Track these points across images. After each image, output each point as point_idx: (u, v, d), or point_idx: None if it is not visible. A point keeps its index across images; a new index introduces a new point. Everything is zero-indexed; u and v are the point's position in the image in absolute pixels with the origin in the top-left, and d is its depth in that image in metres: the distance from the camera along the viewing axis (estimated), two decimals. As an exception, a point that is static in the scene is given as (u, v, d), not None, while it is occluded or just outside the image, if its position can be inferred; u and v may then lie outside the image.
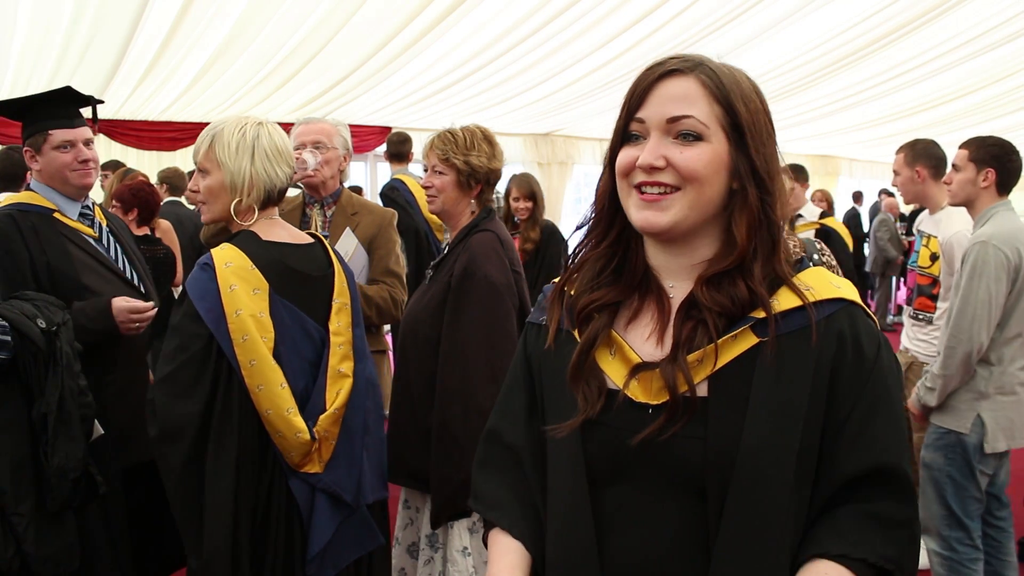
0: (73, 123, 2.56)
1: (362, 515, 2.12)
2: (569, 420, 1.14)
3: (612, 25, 6.02)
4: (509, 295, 2.42)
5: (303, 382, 2.03)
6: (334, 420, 2.04)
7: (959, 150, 3.08)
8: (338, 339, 2.09)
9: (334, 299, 2.12)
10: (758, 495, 1.05)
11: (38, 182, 2.58)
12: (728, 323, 1.10)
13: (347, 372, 2.09)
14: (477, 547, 2.47)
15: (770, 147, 1.14)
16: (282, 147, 2.08)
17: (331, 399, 2.05)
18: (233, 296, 1.92)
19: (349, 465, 2.08)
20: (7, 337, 2.02)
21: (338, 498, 2.04)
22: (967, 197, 3.04)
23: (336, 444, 2.05)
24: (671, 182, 1.09)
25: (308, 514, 2.01)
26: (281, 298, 2.00)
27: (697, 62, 1.12)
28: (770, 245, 1.12)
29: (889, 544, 1.06)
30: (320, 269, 2.14)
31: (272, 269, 2.01)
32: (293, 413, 1.95)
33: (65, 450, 2.05)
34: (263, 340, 1.93)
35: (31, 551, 1.99)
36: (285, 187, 2.12)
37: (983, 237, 2.85)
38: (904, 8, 6.21)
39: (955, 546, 2.93)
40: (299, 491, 2.00)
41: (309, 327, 2.06)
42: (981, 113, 9.77)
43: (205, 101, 7.11)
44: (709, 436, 1.07)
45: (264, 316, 1.95)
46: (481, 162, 2.49)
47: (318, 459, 2.02)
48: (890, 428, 1.08)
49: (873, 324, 1.13)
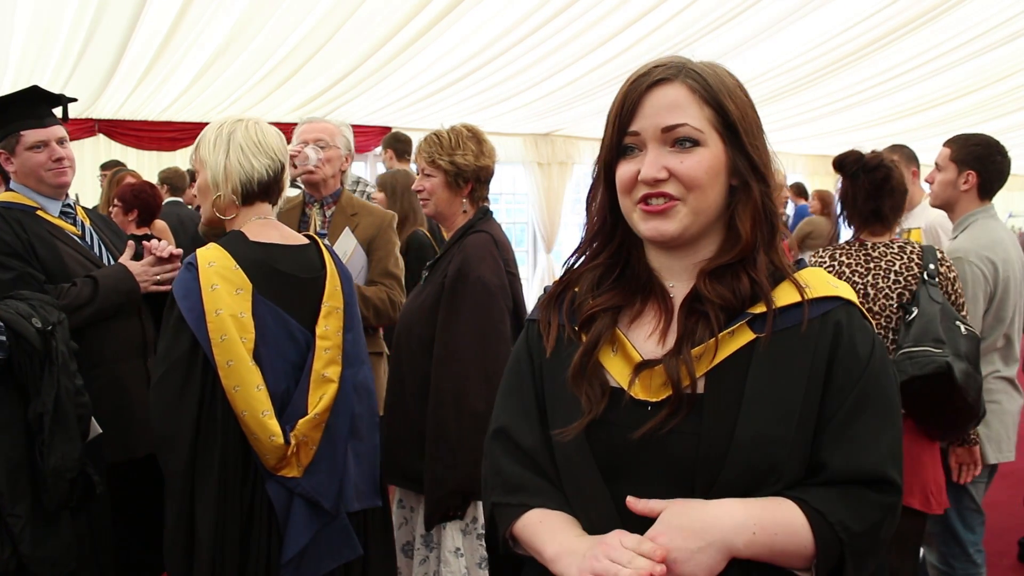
0: (44, 122, 2.56)
1: (342, 524, 2.06)
2: (573, 422, 1.15)
3: (612, 24, 6.01)
4: (503, 296, 2.42)
5: (285, 384, 2.00)
6: (314, 425, 2.00)
7: (943, 148, 2.94)
8: (324, 343, 2.06)
9: (323, 302, 2.09)
10: (749, 489, 1.06)
11: (17, 183, 2.59)
12: (728, 317, 1.11)
13: (332, 377, 2.05)
14: (470, 548, 2.47)
15: (761, 139, 1.16)
16: (259, 140, 2.06)
17: (313, 403, 2.01)
18: (214, 295, 1.91)
19: (330, 471, 2.03)
20: (2, 337, 2.01)
21: (317, 504, 2.00)
22: (947, 199, 2.92)
23: (318, 449, 2.01)
24: (674, 193, 1.11)
25: (285, 518, 1.97)
26: (265, 299, 1.98)
27: (680, 67, 1.13)
28: (770, 234, 1.15)
29: (852, 518, 1.06)
30: (310, 271, 2.11)
31: (257, 270, 1.99)
32: (268, 416, 1.92)
33: (62, 450, 2.04)
34: (242, 341, 1.91)
35: (28, 552, 1.98)
36: (267, 179, 2.07)
37: (959, 252, 2.72)
38: (903, 8, 6.20)
39: (951, 561, 2.86)
40: (276, 494, 1.97)
41: (294, 329, 2.03)
42: (981, 113, 9.76)
43: (205, 101, 7.11)
44: (703, 433, 1.07)
45: (245, 316, 1.93)
46: (467, 160, 2.49)
47: (296, 463, 1.98)
48: (876, 427, 1.09)
49: (869, 324, 1.14)
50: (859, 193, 2.51)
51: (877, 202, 2.48)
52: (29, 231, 2.45)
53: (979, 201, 2.88)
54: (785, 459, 1.06)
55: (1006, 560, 3.90)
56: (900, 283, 2.45)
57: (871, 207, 2.50)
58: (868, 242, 2.53)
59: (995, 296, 2.74)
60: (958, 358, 2.32)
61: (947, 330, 2.34)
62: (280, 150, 2.11)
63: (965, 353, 2.35)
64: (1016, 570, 3.84)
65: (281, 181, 2.15)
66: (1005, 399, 2.84)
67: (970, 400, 2.35)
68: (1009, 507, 4.35)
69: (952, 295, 2.49)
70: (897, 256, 2.48)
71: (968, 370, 2.34)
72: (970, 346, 2.37)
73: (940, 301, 2.39)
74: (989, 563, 3.31)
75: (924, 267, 2.44)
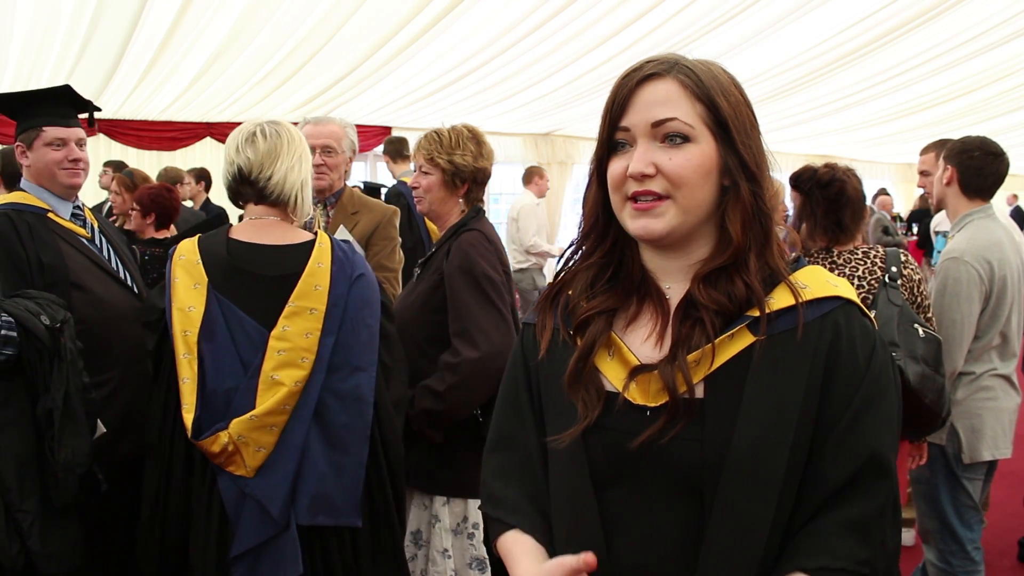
0: (68, 122, 2.56)
1: (291, 536, 1.98)
2: (569, 427, 1.14)
3: (611, 24, 6.02)
4: (505, 290, 2.44)
5: (233, 382, 1.97)
6: (255, 427, 1.94)
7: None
8: (280, 344, 1.97)
9: (290, 302, 2.01)
10: (748, 494, 1.05)
11: (28, 181, 2.58)
12: (725, 321, 1.09)
13: (282, 380, 1.96)
14: (460, 548, 2.46)
15: (755, 138, 1.13)
16: (227, 143, 2.13)
17: (259, 404, 1.96)
18: (174, 288, 1.99)
19: (283, 478, 1.97)
20: (13, 333, 2.02)
21: (265, 510, 1.96)
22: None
23: (272, 453, 1.97)
24: (660, 191, 1.09)
25: (235, 514, 1.97)
26: (221, 296, 1.99)
27: (673, 63, 1.12)
28: (763, 237, 1.12)
29: (864, 547, 1.04)
30: (281, 270, 2.04)
31: (217, 266, 2.01)
32: (187, 409, 1.94)
33: (72, 445, 2.04)
34: (184, 335, 1.95)
35: (36, 548, 1.98)
36: (229, 181, 2.12)
37: (954, 253, 2.74)
38: (903, 8, 6.21)
39: (949, 559, 2.86)
40: (224, 488, 1.97)
41: (249, 328, 1.99)
42: (980, 113, 9.77)
43: (205, 101, 7.11)
44: (705, 438, 1.06)
45: (194, 311, 1.96)
46: (466, 161, 2.49)
47: (242, 463, 1.95)
48: (879, 425, 1.08)
49: (870, 323, 1.12)
50: (817, 208, 2.60)
51: (837, 214, 2.58)
52: (36, 238, 2.43)
53: (968, 200, 2.88)
54: (784, 464, 1.05)
55: (1006, 560, 3.90)
56: (864, 287, 2.50)
57: (832, 220, 2.59)
58: (834, 249, 2.59)
59: (991, 296, 2.75)
60: (913, 361, 2.34)
61: (903, 333, 2.37)
62: (239, 152, 2.08)
63: (922, 356, 2.37)
64: (1016, 570, 3.84)
65: (255, 183, 2.08)
66: (1002, 396, 2.84)
67: (927, 402, 2.38)
68: (1009, 507, 4.35)
69: (917, 297, 2.54)
70: (861, 261, 2.55)
71: (925, 372, 2.36)
72: (928, 348, 2.39)
73: (899, 304, 2.43)
74: (989, 563, 3.32)
75: (886, 270, 2.48)
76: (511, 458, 1.27)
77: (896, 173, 15.85)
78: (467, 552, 2.46)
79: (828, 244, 2.61)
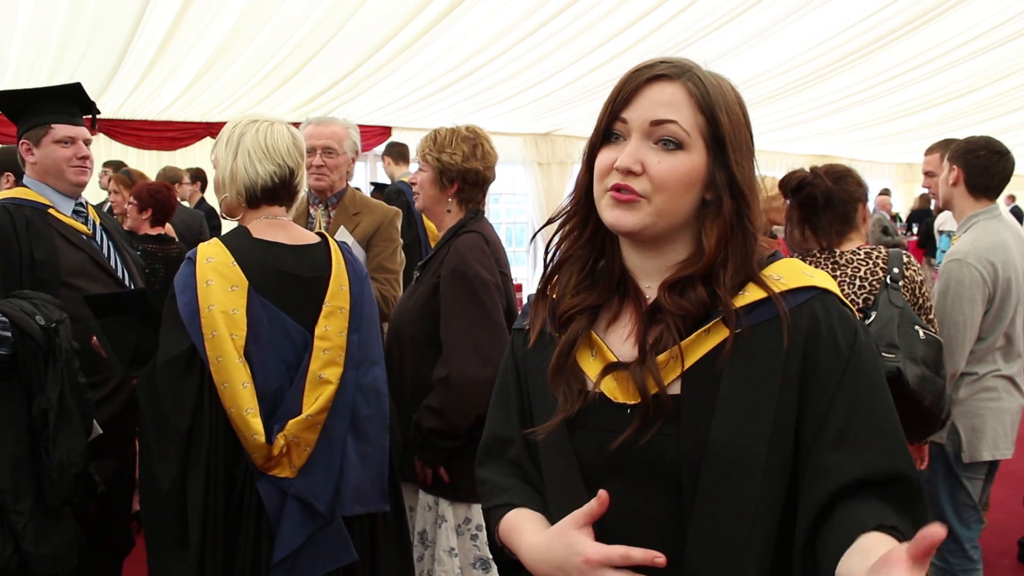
0: (76, 120, 2.57)
1: (337, 527, 2.03)
2: (550, 420, 1.15)
3: (612, 24, 6.02)
4: (499, 294, 2.43)
5: (278, 384, 1.98)
6: (307, 426, 1.97)
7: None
8: (323, 344, 2.03)
9: (326, 302, 2.06)
10: (729, 487, 1.05)
11: (31, 178, 2.57)
12: (693, 324, 1.10)
13: (330, 378, 2.02)
14: (464, 548, 2.46)
15: (748, 160, 1.14)
16: (267, 145, 2.05)
17: (308, 404, 1.99)
18: (208, 291, 1.92)
19: (326, 473, 2.00)
20: (7, 333, 2.01)
21: (311, 506, 1.98)
22: (945, 197, 2.95)
23: (313, 451, 1.99)
24: (639, 190, 1.09)
25: (276, 518, 1.96)
26: (261, 297, 1.97)
27: (685, 68, 1.12)
28: (743, 255, 1.12)
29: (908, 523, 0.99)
30: (313, 271, 2.08)
31: (256, 267, 1.99)
32: (252, 414, 1.90)
33: (67, 445, 2.03)
34: (232, 337, 1.90)
35: (30, 549, 1.98)
36: (271, 186, 2.06)
37: (958, 255, 2.74)
38: (903, 8, 6.22)
39: (947, 557, 2.87)
40: (267, 494, 1.95)
41: (291, 329, 2.01)
42: (980, 113, 9.78)
43: (205, 101, 7.11)
44: (682, 433, 1.07)
45: (238, 313, 1.92)
46: (454, 160, 2.48)
47: (288, 464, 1.96)
48: (878, 424, 1.07)
49: (849, 312, 1.12)
50: (794, 212, 2.64)
51: (811, 218, 2.60)
52: (32, 233, 2.43)
53: (975, 201, 2.88)
54: (764, 454, 1.05)
55: (1006, 560, 3.90)
56: (865, 288, 2.49)
57: (809, 223, 2.62)
58: (837, 250, 2.59)
59: (995, 297, 2.74)
60: (913, 362, 2.34)
61: (904, 335, 2.37)
62: (290, 155, 2.08)
63: (922, 357, 2.36)
64: (1016, 570, 3.83)
65: (292, 186, 2.11)
66: (1005, 397, 2.84)
67: (927, 404, 2.37)
68: (1009, 507, 4.35)
69: (919, 299, 2.53)
70: (863, 262, 2.54)
71: (924, 374, 2.35)
72: (928, 350, 2.39)
73: (900, 305, 2.42)
74: (989, 563, 3.32)
75: (888, 271, 2.48)
76: (505, 459, 1.30)
77: (896, 173, 15.85)
78: (471, 552, 2.47)
79: (820, 246, 2.62)
